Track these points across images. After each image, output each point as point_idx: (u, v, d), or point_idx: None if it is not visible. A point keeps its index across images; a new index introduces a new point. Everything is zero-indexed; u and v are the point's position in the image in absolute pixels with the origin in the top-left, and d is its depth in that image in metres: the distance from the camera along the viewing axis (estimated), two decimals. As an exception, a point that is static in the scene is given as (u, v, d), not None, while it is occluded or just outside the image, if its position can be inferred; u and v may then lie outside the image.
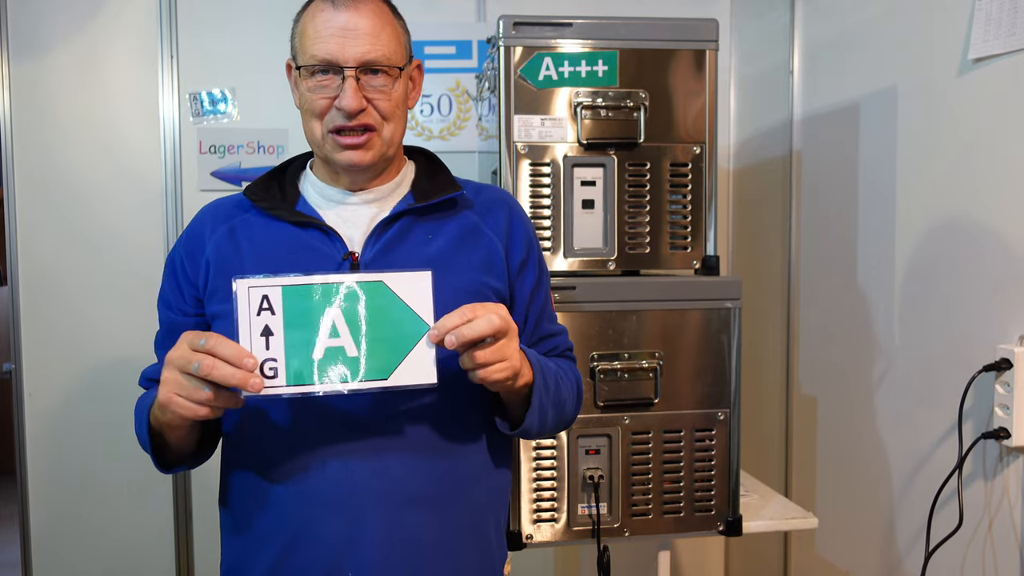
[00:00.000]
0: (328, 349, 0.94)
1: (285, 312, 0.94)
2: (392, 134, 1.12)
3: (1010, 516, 1.44)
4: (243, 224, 1.14)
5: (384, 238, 1.11)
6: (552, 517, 1.54)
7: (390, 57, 1.09)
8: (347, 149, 1.09)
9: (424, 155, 1.25)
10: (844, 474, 1.95)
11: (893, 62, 1.74)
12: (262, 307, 0.93)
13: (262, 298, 0.93)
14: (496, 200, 1.22)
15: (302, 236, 1.11)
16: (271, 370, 0.93)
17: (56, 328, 2.19)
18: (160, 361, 1.16)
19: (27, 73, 2.16)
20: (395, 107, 1.11)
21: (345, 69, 1.06)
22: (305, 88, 1.09)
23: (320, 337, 0.94)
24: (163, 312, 1.19)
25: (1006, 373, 1.41)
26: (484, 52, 2.27)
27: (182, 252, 1.16)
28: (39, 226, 2.18)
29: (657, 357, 1.54)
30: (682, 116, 1.58)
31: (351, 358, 0.95)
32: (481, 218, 1.18)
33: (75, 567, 2.23)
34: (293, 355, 0.94)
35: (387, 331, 0.96)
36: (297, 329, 0.94)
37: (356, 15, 1.06)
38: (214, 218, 1.16)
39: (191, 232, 1.17)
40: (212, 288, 1.12)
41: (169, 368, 0.95)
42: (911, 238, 1.69)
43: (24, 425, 2.18)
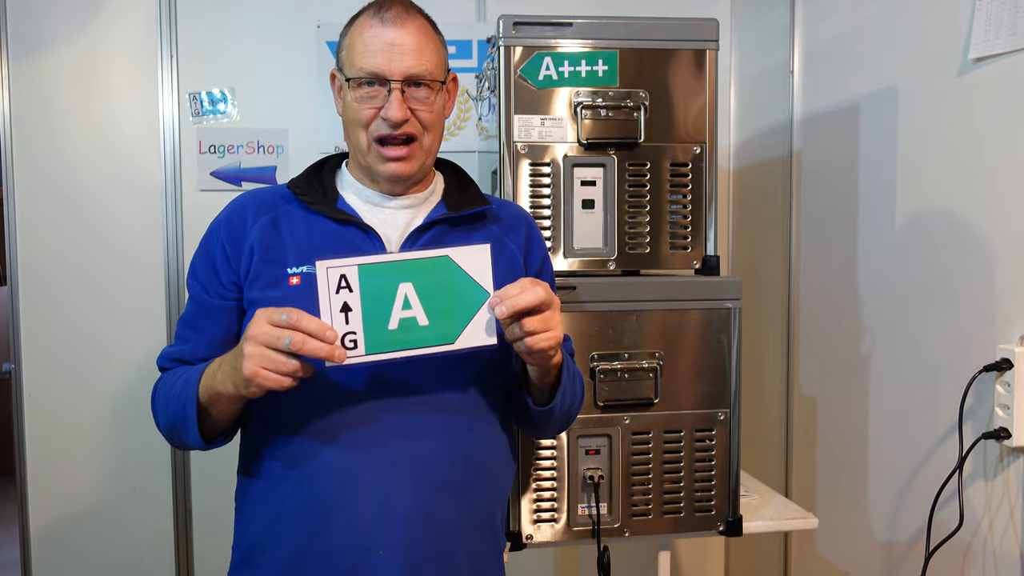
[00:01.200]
0: (402, 320, 1.04)
1: (362, 289, 1.02)
2: (431, 144, 1.20)
3: (1010, 516, 1.44)
4: (285, 215, 1.19)
5: (420, 242, 1.19)
6: (552, 517, 1.54)
7: (432, 72, 1.17)
8: (390, 161, 1.17)
9: (452, 168, 1.34)
10: (844, 474, 1.95)
11: (893, 62, 1.74)
12: (340, 286, 1.01)
13: (340, 277, 1.02)
14: (517, 217, 1.32)
15: (342, 232, 1.17)
16: (351, 342, 1.02)
17: (56, 328, 2.19)
18: (185, 340, 1.21)
19: (27, 73, 2.16)
20: (436, 118, 1.19)
21: (391, 82, 1.14)
22: (352, 98, 1.16)
23: (394, 309, 1.03)
24: (196, 290, 1.21)
25: (1006, 373, 1.41)
26: (484, 52, 2.27)
27: (224, 237, 1.19)
28: (39, 226, 2.18)
29: (657, 357, 1.54)
30: (682, 116, 1.58)
31: (422, 327, 1.04)
32: (504, 232, 1.27)
33: (75, 567, 2.23)
34: (371, 327, 1.03)
35: (452, 300, 1.06)
36: (373, 303, 1.03)
37: (403, 32, 1.14)
38: (257, 207, 1.20)
39: (232, 218, 1.20)
40: (255, 274, 1.16)
41: (252, 343, 0.99)
42: (911, 238, 1.69)
43: (24, 425, 2.18)
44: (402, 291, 1.04)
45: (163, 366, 1.23)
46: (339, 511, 1.10)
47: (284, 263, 1.15)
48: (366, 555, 1.10)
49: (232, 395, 1.06)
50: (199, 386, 1.10)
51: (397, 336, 1.03)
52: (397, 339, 1.03)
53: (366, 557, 1.10)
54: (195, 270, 1.22)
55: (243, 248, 1.17)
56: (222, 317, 1.19)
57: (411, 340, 1.04)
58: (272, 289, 1.14)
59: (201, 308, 1.20)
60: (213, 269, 1.19)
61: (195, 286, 1.21)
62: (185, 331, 1.22)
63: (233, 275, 1.18)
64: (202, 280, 1.20)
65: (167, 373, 1.21)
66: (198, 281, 1.21)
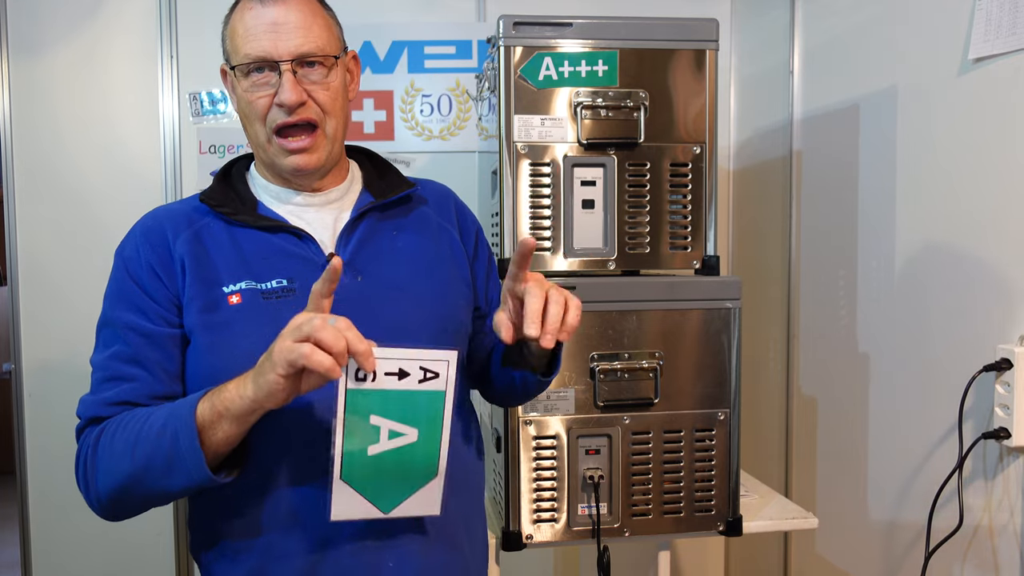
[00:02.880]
0: (376, 428, 0.94)
1: (420, 391, 0.94)
2: (335, 130, 1.12)
3: (1010, 516, 1.44)
4: (206, 230, 1.10)
5: (354, 237, 1.13)
6: (552, 517, 1.54)
7: (323, 47, 1.09)
8: (293, 153, 1.09)
9: (365, 153, 1.27)
10: (844, 474, 1.95)
11: (893, 62, 1.74)
12: (429, 371, 0.94)
13: (435, 372, 0.94)
14: (443, 195, 1.28)
15: (273, 240, 1.09)
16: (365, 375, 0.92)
17: (56, 328, 2.19)
18: (132, 378, 1.04)
19: (27, 73, 2.16)
20: (335, 98, 1.10)
21: (280, 64, 1.06)
22: (242, 89, 1.09)
23: (389, 423, 0.95)
24: (131, 321, 1.05)
25: (1006, 373, 1.41)
26: (484, 52, 2.27)
27: (148, 258, 1.07)
28: (39, 226, 2.18)
29: (657, 357, 1.54)
30: (682, 116, 1.58)
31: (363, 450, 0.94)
32: (435, 211, 1.23)
33: (75, 567, 2.23)
34: (375, 399, 0.93)
35: (392, 480, 0.97)
36: (402, 404, 0.94)
37: (284, 9, 1.06)
38: (173, 223, 1.10)
39: (150, 237, 1.09)
40: (190, 296, 1.05)
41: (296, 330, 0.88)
42: (911, 238, 1.69)
43: (24, 425, 2.18)
44: (408, 431, 0.95)
45: (99, 414, 1.06)
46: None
47: (218, 282, 1.06)
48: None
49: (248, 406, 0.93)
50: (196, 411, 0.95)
51: (358, 426, 0.93)
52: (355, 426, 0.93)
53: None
54: (120, 302, 1.07)
55: (173, 267, 1.07)
56: (172, 348, 1.06)
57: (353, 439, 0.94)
58: (212, 312, 1.04)
59: (144, 339, 1.05)
60: (146, 295, 1.06)
61: (127, 317, 1.05)
62: (125, 368, 1.04)
63: (171, 295, 1.06)
64: (138, 306, 1.05)
65: (114, 420, 1.04)
66: (132, 308, 1.06)
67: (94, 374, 1.09)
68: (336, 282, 0.91)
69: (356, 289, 1.10)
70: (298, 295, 1.06)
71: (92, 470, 1.06)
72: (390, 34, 2.26)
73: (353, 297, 1.08)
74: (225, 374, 0.97)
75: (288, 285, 1.07)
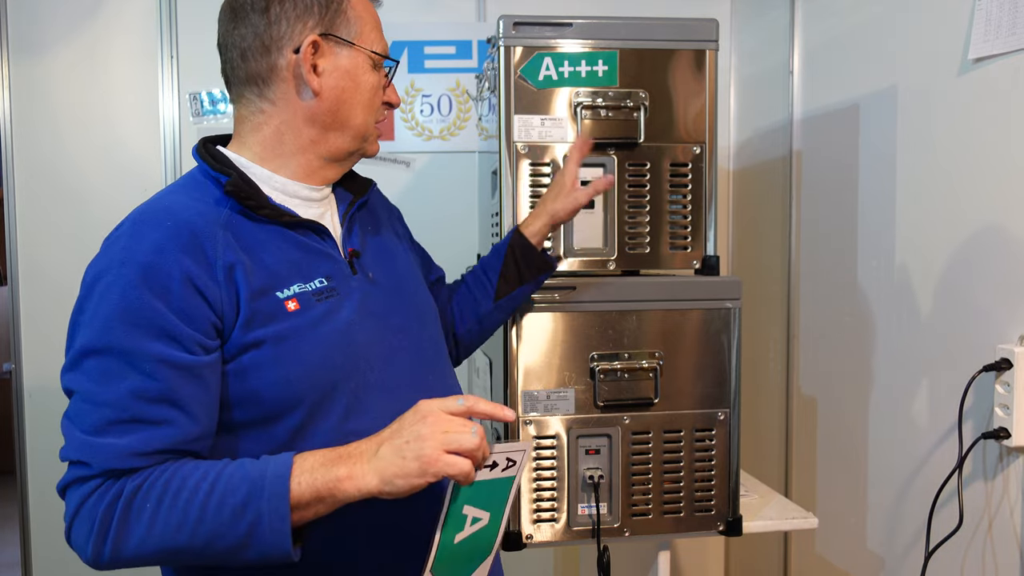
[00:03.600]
0: (464, 516, 0.97)
1: (503, 479, 0.98)
2: None
3: (1010, 516, 1.44)
4: (237, 228, 0.98)
5: (354, 234, 1.13)
6: (552, 517, 1.54)
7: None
8: (378, 139, 1.15)
9: None
10: (844, 474, 1.95)
11: (893, 62, 1.74)
12: (511, 459, 0.96)
13: (512, 462, 0.97)
14: (368, 185, 1.23)
15: (299, 239, 1.02)
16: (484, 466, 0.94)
17: (56, 328, 2.17)
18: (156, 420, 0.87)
19: (27, 73, 2.16)
20: None
21: (396, 64, 1.13)
22: (374, 80, 1.09)
23: (475, 510, 0.97)
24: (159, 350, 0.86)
25: (1006, 373, 1.41)
26: (484, 52, 2.27)
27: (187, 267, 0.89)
28: (39, 226, 2.18)
29: (657, 357, 1.54)
30: (682, 116, 1.58)
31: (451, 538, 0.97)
32: (375, 203, 1.25)
33: (75, 567, 2.21)
34: (476, 491, 0.95)
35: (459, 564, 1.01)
36: (489, 491, 0.97)
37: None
38: (203, 221, 0.95)
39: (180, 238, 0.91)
40: (250, 311, 0.92)
41: (443, 446, 0.86)
42: (911, 238, 1.69)
43: (24, 425, 2.18)
44: (481, 515, 0.99)
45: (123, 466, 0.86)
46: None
47: (270, 288, 0.95)
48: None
49: (364, 496, 0.86)
50: (290, 491, 0.84)
51: (455, 518, 0.96)
52: (454, 518, 0.96)
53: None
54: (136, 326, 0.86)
55: (219, 279, 0.91)
56: (210, 377, 0.90)
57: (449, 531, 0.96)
58: (273, 323, 0.93)
59: (177, 372, 0.87)
60: (179, 314, 0.88)
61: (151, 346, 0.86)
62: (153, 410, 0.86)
63: (213, 316, 0.90)
64: (167, 331, 0.87)
65: (151, 474, 0.86)
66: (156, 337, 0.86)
67: (93, 410, 0.87)
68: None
69: (373, 286, 1.09)
70: (339, 295, 1.02)
71: (120, 534, 0.88)
72: (390, 34, 2.23)
73: (378, 294, 1.08)
74: (302, 385, 0.94)
75: (329, 284, 1.01)
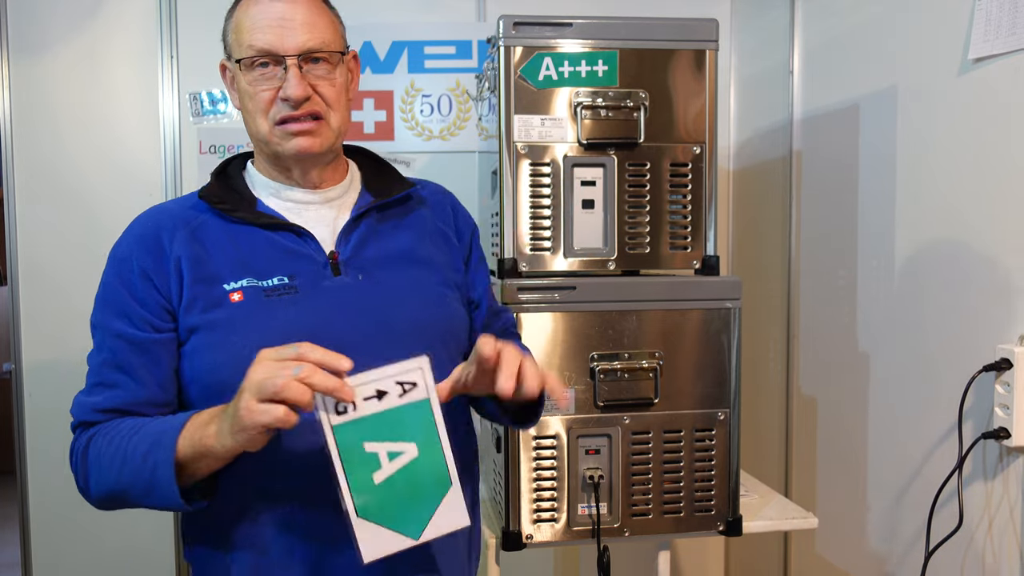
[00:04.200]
0: (375, 455, 0.92)
1: (404, 406, 0.92)
2: (339, 123, 1.12)
3: (1010, 516, 1.44)
4: (203, 228, 1.09)
5: (355, 236, 1.13)
6: (552, 517, 1.54)
7: (329, 44, 1.09)
8: (296, 136, 1.08)
9: (363, 153, 1.27)
10: (844, 474, 1.95)
11: (893, 62, 1.74)
12: (403, 384, 0.92)
13: (412, 382, 0.92)
14: (440, 194, 1.28)
15: (273, 238, 1.09)
16: (344, 407, 0.91)
17: (56, 328, 2.19)
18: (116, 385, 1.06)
19: (27, 73, 2.16)
20: (339, 93, 1.11)
21: (287, 58, 1.06)
22: (246, 83, 1.09)
23: (384, 445, 0.93)
24: (118, 328, 1.06)
25: (1006, 373, 1.41)
26: (484, 52, 2.27)
27: (141, 261, 1.07)
28: (39, 226, 2.18)
29: (657, 357, 1.54)
30: (682, 116, 1.58)
31: (370, 479, 0.92)
32: (432, 212, 1.23)
33: (75, 567, 2.23)
34: (363, 426, 0.91)
35: (406, 502, 0.94)
36: (390, 422, 0.92)
37: (291, 5, 1.07)
38: (169, 223, 1.10)
39: (145, 239, 1.08)
40: (190, 297, 1.05)
41: (253, 385, 0.88)
42: (911, 238, 1.69)
43: (24, 425, 2.18)
44: (405, 448, 0.93)
45: (89, 419, 1.07)
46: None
47: (219, 279, 1.06)
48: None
49: (228, 452, 0.94)
50: (177, 443, 0.96)
51: (356, 456, 0.92)
52: (352, 457, 0.91)
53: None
54: (108, 306, 1.07)
55: (168, 269, 1.06)
56: (160, 352, 1.06)
57: (354, 472, 0.92)
58: (213, 311, 1.04)
59: (130, 346, 1.05)
60: (134, 299, 1.06)
61: (114, 324, 1.06)
62: (111, 375, 1.06)
63: (162, 300, 1.06)
64: (125, 312, 1.06)
65: (104, 428, 1.05)
66: (119, 315, 1.06)
67: (87, 374, 1.11)
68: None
69: (355, 287, 1.10)
70: (299, 292, 1.07)
71: (83, 472, 1.07)
72: (390, 34, 2.26)
73: (353, 297, 1.09)
74: (227, 371, 0.98)
75: (289, 283, 1.07)
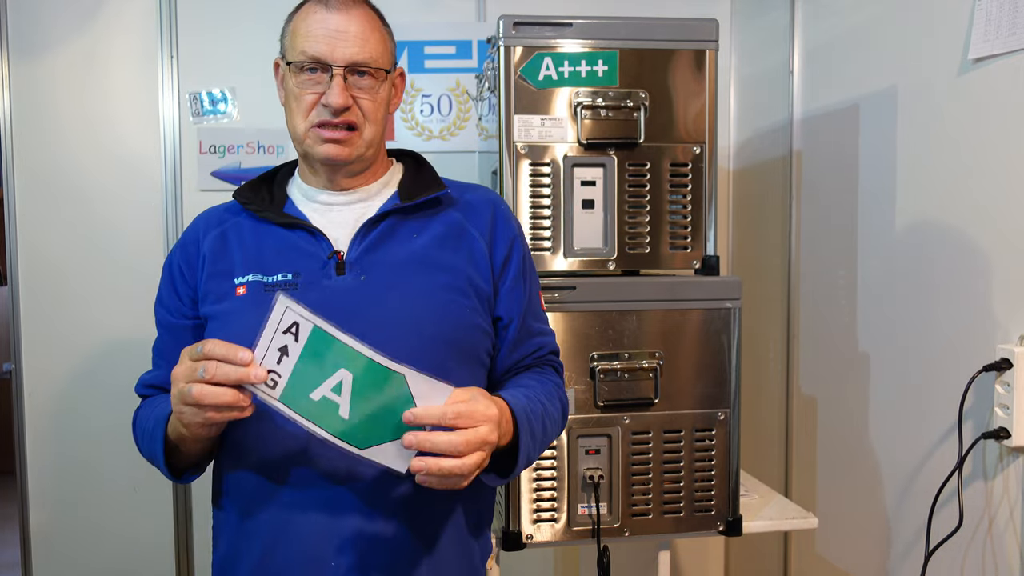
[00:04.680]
0: (325, 398, 0.96)
1: (306, 346, 0.96)
2: (373, 136, 1.16)
3: (1010, 516, 1.44)
4: (234, 227, 1.19)
5: (369, 238, 1.15)
6: (552, 517, 1.54)
7: (376, 60, 1.14)
8: (327, 142, 1.13)
9: (412, 156, 1.29)
10: (844, 474, 1.95)
11: (893, 62, 1.74)
12: (289, 329, 0.96)
13: (293, 323, 0.96)
14: (482, 200, 1.25)
15: (289, 237, 1.16)
16: (272, 381, 0.96)
17: (56, 328, 2.19)
18: (158, 366, 1.22)
19: (27, 73, 2.16)
20: (378, 108, 1.16)
21: (333, 68, 1.11)
22: (293, 83, 1.14)
23: (323, 385, 0.96)
24: (161, 315, 1.22)
25: (1006, 373, 1.41)
26: (484, 52, 2.27)
27: (179, 258, 1.21)
28: (39, 226, 2.18)
29: (657, 357, 1.54)
30: (682, 116, 1.58)
31: (340, 417, 0.96)
32: (465, 216, 1.21)
33: (75, 567, 2.23)
34: (295, 383, 0.96)
35: (383, 414, 0.97)
36: (309, 365, 0.96)
37: (347, 18, 1.12)
38: (207, 224, 1.22)
39: (186, 239, 1.22)
40: (205, 290, 1.16)
41: (174, 384, 0.97)
42: (911, 238, 1.69)
43: (24, 425, 2.18)
44: (339, 375, 0.96)
45: (140, 393, 1.24)
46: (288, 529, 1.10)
47: (231, 274, 1.15)
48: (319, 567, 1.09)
49: (195, 437, 1.04)
50: (167, 425, 1.09)
51: (313, 408, 0.96)
52: (312, 410, 0.96)
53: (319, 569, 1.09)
54: (160, 295, 1.23)
55: (196, 265, 1.19)
56: (187, 338, 1.18)
57: (323, 420, 0.96)
58: (221, 302, 1.14)
59: (168, 331, 1.21)
60: (174, 291, 1.20)
61: (160, 311, 1.22)
62: (157, 358, 1.24)
63: (191, 291, 1.19)
64: (166, 303, 1.21)
65: (144, 403, 1.22)
66: (163, 305, 1.22)
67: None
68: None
69: (355, 287, 1.12)
70: (300, 289, 1.12)
71: (135, 437, 1.23)
72: (390, 34, 2.26)
73: (349, 294, 1.11)
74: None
75: (292, 279, 1.13)
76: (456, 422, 0.95)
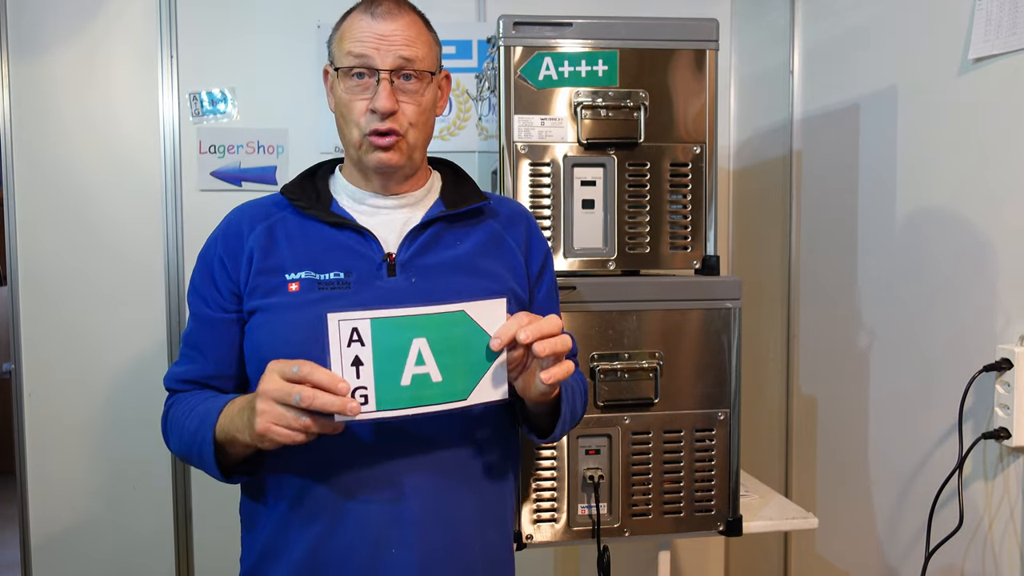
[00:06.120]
0: (415, 376, 1.00)
1: (374, 343, 0.98)
2: (417, 139, 1.18)
3: (1010, 516, 1.44)
4: (280, 223, 1.20)
5: (418, 242, 1.18)
6: (552, 517, 1.54)
7: (422, 64, 1.16)
8: (379, 150, 1.16)
9: (449, 166, 1.33)
10: (844, 474, 1.95)
11: (893, 62, 1.74)
12: (352, 339, 0.97)
13: (352, 330, 0.97)
14: (517, 213, 1.31)
15: (338, 236, 1.17)
16: (362, 397, 0.98)
17: (56, 328, 2.19)
18: (191, 359, 1.20)
19: (27, 73, 2.16)
20: (423, 111, 1.18)
21: (380, 71, 1.13)
22: (342, 89, 1.16)
23: (407, 365, 0.99)
24: (197, 306, 1.21)
25: (1006, 373, 1.41)
26: (484, 52, 2.27)
27: (220, 250, 1.20)
28: (39, 226, 2.18)
29: (657, 357, 1.54)
30: (682, 116, 1.58)
31: (435, 383, 1.01)
32: (504, 228, 1.27)
33: (75, 567, 2.23)
34: (383, 383, 0.99)
35: (465, 355, 1.02)
36: (386, 357, 0.99)
37: (394, 24, 1.14)
38: (252, 217, 1.21)
39: (228, 230, 1.21)
40: (253, 285, 1.16)
41: (264, 400, 0.98)
42: (911, 238, 1.69)
43: (24, 425, 2.18)
44: (416, 346, 1.00)
45: (172, 387, 1.23)
46: (350, 509, 1.11)
47: (282, 270, 1.15)
48: (380, 553, 1.11)
49: (249, 443, 1.04)
50: (216, 426, 1.09)
51: (409, 392, 0.99)
52: (409, 396, 0.99)
53: (380, 555, 1.11)
54: (195, 285, 1.22)
55: (240, 258, 1.18)
56: (225, 331, 1.19)
57: (424, 397, 1.00)
58: (271, 296, 1.15)
59: (203, 323, 1.20)
60: (212, 282, 1.19)
61: (196, 301, 1.21)
62: (189, 350, 1.21)
63: (232, 285, 1.18)
64: (203, 294, 1.20)
65: (179, 398, 1.20)
66: (199, 296, 1.21)
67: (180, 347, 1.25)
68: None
69: (407, 288, 1.15)
70: (352, 289, 1.14)
71: (165, 433, 1.21)
72: (390, 34, 2.26)
73: (401, 295, 1.14)
74: (270, 350, 1.08)
75: (344, 279, 1.15)
76: (533, 323, 1.02)
